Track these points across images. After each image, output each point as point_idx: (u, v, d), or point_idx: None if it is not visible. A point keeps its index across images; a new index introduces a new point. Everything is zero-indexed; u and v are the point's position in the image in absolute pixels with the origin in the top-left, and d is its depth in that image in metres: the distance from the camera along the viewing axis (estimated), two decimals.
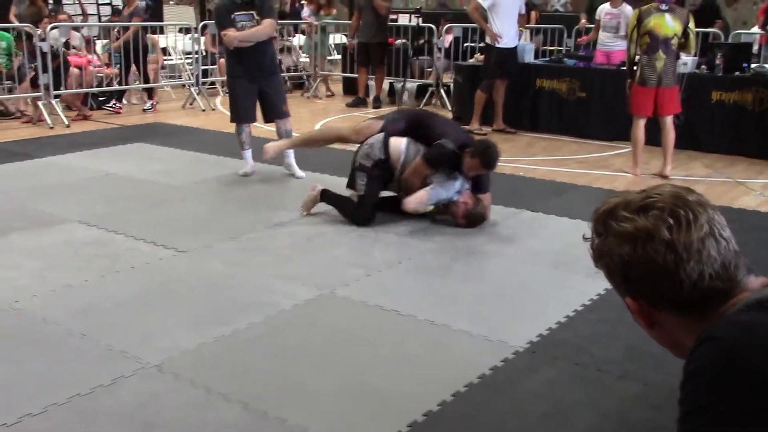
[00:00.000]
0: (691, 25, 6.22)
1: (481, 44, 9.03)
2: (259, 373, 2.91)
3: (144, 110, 9.57)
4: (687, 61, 7.30)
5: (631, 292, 1.27)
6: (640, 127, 6.42)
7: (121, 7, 10.62)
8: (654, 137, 6.57)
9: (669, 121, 6.37)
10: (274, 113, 6.14)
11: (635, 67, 6.33)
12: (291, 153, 6.18)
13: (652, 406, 2.72)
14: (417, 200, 4.72)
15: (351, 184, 4.94)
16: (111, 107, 9.42)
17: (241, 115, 6.11)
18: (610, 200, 1.30)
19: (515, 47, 8.43)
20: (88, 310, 3.45)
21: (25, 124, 8.52)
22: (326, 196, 4.99)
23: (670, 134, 6.39)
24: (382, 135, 4.91)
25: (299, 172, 6.13)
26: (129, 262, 4.10)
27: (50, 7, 11.16)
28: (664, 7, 6.19)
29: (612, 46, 8.70)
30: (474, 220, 4.81)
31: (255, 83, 5.97)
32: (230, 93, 6.23)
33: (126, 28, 9.48)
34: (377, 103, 10.40)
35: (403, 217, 4.95)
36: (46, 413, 2.61)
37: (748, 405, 1.06)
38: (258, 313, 3.44)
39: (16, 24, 9.38)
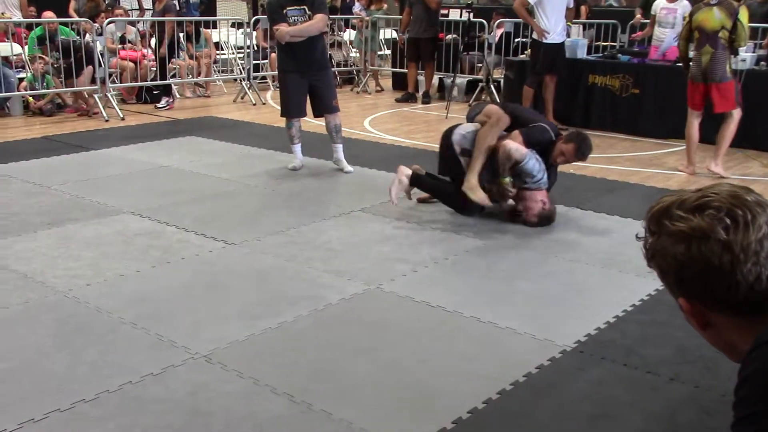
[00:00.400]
0: (742, 16, 6.03)
1: (530, 40, 8.95)
2: (305, 365, 2.93)
3: (157, 107, 9.35)
4: (746, 57, 7.13)
5: (684, 292, 1.25)
6: (692, 123, 6.31)
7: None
8: (712, 135, 6.43)
9: (728, 117, 6.22)
10: (324, 108, 6.16)
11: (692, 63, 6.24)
12: (340, 149, 6.20)
13: (703, 410, 2.66)
14: (516, 145, 4.66)
15: (444, 170, 4.95)
16: (163, 107, 9.43)
17: (291, 109, 6.15)
18: (664, 199, 1.28)
19: (563, 42, 8.33)
20: (139, 300, 3.52)
21: (81, 117, 8.71)
22: (419, 180, 4.99)
23: (724, 130, 6.23)
24: (472, 125, 4.91)
25: (348, 167, 6.16)
26: (180, 253, 4.16)
27: (107, 1, 11.39)
28: (713, 1, 6.07)
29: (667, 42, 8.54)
30: (543, 220, 4.75)
31: (305, 78, 6.01)
32: (281, 87, 6.27)
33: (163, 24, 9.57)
34: (426, 99, 10.39)
35: (452, 213, 4.93)
36: (97, 400, 2.67)
37: None
38: (305, 307, 3.47)
39: (75, 18, 9.59)
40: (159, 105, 9.38)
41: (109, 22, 9.25)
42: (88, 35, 8.89)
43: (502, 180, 4.73)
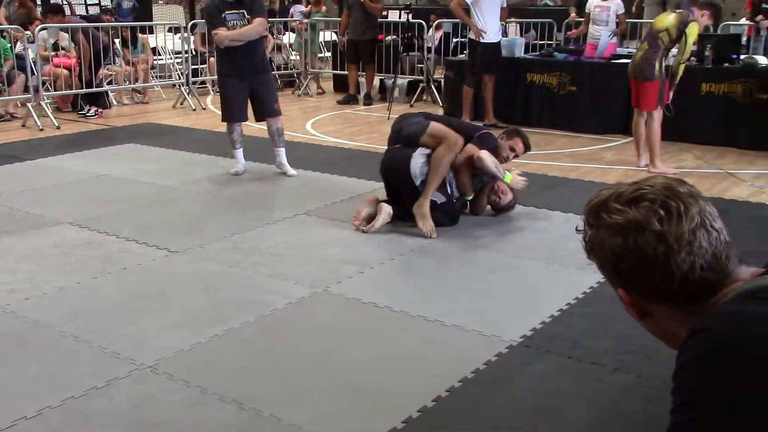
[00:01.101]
0: (690, 31, 6.02)
1: (467, 40, 9.03)
2: (253, 372, 2.91)
3: (84, 116, 9.10)
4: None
5: (622, 283, 1.27)
6: (636, 121, 6.44)
7: (110, 7, 10.58)
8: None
9: (648, 116, 6.32)
10: (266, 111, 6.12)
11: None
12: (282, 152, 6.17)
13: (646, 398, 2.72)
14: (489, 156, 4.68)
15: (396, 195, 4.81)
16: (91, 115, 9.17)
17: (232, 114, 6.09)
18: (602, 192, 1.30)
19: (499, 42, 8.43)
20: (80, 312, 3.44)
21: (15, 127, 8.48)
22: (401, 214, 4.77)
23: (648, 131, 6.33)
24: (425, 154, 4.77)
25: (291, 170, 6.12)
26: (121, 263, 4.09)
27: (40, 9, 11.11)
28: (677, 8, 6.21)
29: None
30: (508, 209, 5.01)
31: (246, 82, 5.96)
32: (221, 92, 6.21)
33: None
34: (368, 100, 10.39)
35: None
36: (40, 416, 2.60)
37: (739, 395, 1.06)
38: (252, 313, 3.44)
39: (5, 26, 9.33)
40: (87, 114, 9.14)
41: (42, 29, 9.01)
42: (19, 43, 8.65)
43: (466, 197, 4.87)
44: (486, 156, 4.66)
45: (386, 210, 4.67)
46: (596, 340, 3.19)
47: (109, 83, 9.81)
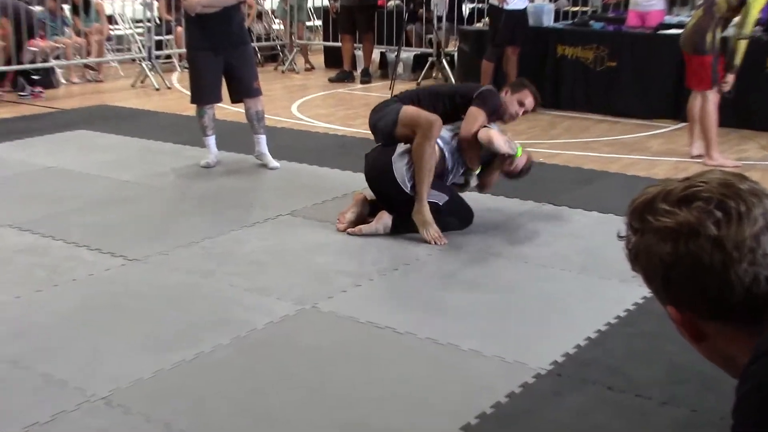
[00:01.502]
0: (755, 1, 5.98)
1: (485, 5, 9.03)
2: (226, 404, 2.90)
3: (19, 95, 9.11)
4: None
5: (673, 299, 1.26)
6: (690, 102, 6.44)
7: None
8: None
9: (702, 98, 6.31)
10: (243, 91, 6.13)
11: None
12: (263, 140, 6.18)
13: None
14: (498, 134, 4.69)
15: (385, 201, 4.80)
16: (25, 95, 9.14)
17: (203, 94, 6.10)
18: (648, 190, 1.30)
19: (525, 9, 8.43)
20: (21, 333, 3.43)
21: None
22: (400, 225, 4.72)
23: (702, 117, 6.32)
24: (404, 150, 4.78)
25: (273, 162, 6.13)
26: (70, 273, 4.09)
27: None
28: None
29: (647, 5, 8.71)
30: (525, 172, 4.96)
31: (220, 56, 5.96)
32: (190, 68, 6.21)
33: None
34: (366, 77, 10.41)
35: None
36: None
37: None
38: (225, 334, 3.43)
39: None
40: (21, 93, 9.14)
41: None
42: None
43: (473, 171, 4.86)
44: (496, 137, 4.65)
45: (385, 221, 4.65)
46: (642, 368, 3.19)
47: (57, 58, 9.81)
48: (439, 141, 4.67)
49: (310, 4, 12.41)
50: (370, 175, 4.82)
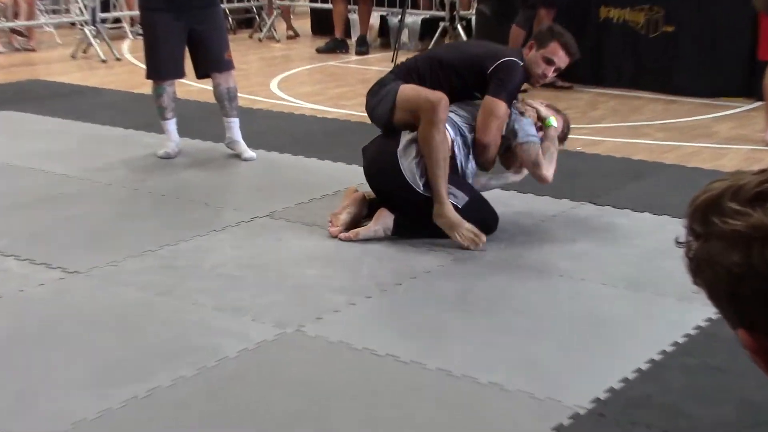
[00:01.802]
0: None
1: None
2: None
3: None
4: None
5: (745, 320, 1.26)
6: (766, 74, 6.44)
7: None
8: None
9: None
10: (212, 64, 6.13)
11: None
12: (235, 124, 6.18)
13: None
14: (547, 166, 4.76)
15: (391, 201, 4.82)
16: None
17: (161, 68, 6.11)
18: (713, 186, 1.30)
19: None
20: None
21: None
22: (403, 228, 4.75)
23: None
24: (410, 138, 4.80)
25: (248, 152, 6.13)
26: None
27: None
28: None
29: None
30: (563, 140, 5.03)
31: (182, 20, 5.96)
32: (145, 35, 6.21)
33: None
34: (363, 47, 10.41)
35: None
36: None
37: None
38: (188, 364, 3.43)
39: None
40: None
41: None
42: None
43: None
44: (546, 171, 4.74)
45: (385, 220, 4.65)
46: (707, 407, 3.18)
47: None
48: (449, 129, 4.66)
49: None
50: (371, 174, 4.82)
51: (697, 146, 6.57)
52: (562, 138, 5.00)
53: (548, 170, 4.76)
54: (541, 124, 4.86)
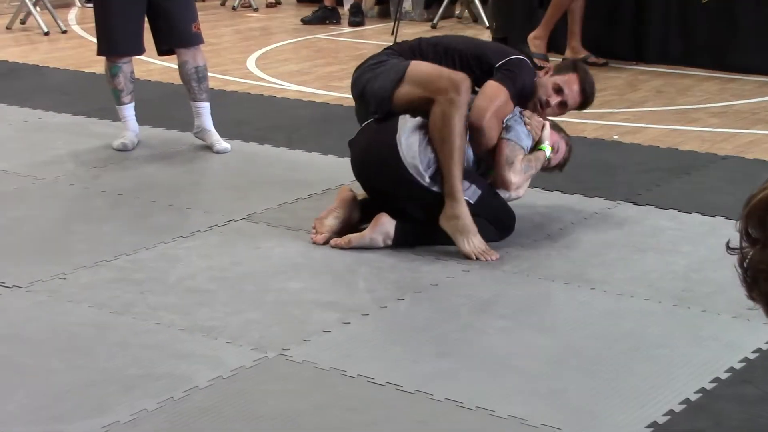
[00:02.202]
0: None
1: None
2: None
3: None
4: None
5: None
6: None
7: None
8: None
9: None
10: (177, 38, 6.16)
11: None
12: (206, 110, 6.18)
13: None
14: (518, 173, 4.78)
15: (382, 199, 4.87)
16: None
17: (116, 41, 6.12)
18: None
19: None
20: None
21: None
22: (404, 238, 4.76)
23: None
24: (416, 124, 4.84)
25: (221, 143, 6.14)
26: None
27: None
28: None
29: None
30: (562, 166, 5.10)
31: None
32: (96, 4, 6.21)
33: None
34: (357, 17, 10.39)
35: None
36: None
37: None
38: (151, 395, 3.44)
39: None
40: None
41: None
42: None
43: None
44: (515, 183, 4.77)
45: (384, 227, 4.67)
46: None
47: None
48: None
49: None
50: (362, 168, 4.84)
51: (758, 134, 6.58)
52: (562, 165, 5.08)
53: (516, 176, 4.75)
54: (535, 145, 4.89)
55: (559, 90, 4.92)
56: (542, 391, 3.50)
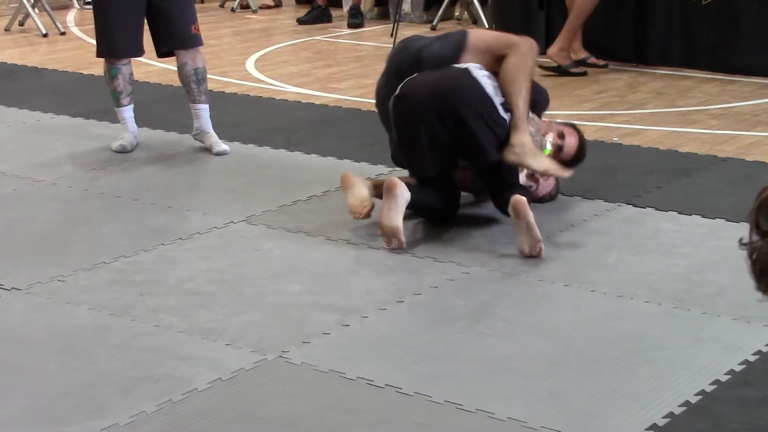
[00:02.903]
0: None
1: None
2: None
3: None
4: None
5: None
6: None
7: None
8: None
9: None
10: (176, 40, 6.16)
11: None
12: (205, 112, 6.20)
13: None
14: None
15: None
16: None
17: (115, 44, 6.11)
18: None
19: None
20: None
21: None
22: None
23: None
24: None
25: (220, 145, 6.15)
26: None
27: None
28: None
29: None
30: (547, 200, 5.26)
31: None
32: (95, 5, 6.20)
33: None
34: (356, 19, 10.38)
35: (407, 220, 4.94)
36: None
37: None
38: (150, 397, 3.44)
39: None
40: None
41: None
42: None
43: None
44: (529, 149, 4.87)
45: (400, 193, 4.71)
46: None
47: None
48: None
49: None
50: (432, 97, 4.86)
51: (758, 135, 6.57)
52: (547, 198, 5.24)
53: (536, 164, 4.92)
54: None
55: (561, 135, 5.19)
56: (542, 392, 3.51)
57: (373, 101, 5.42)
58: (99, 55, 6.24)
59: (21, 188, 5.55)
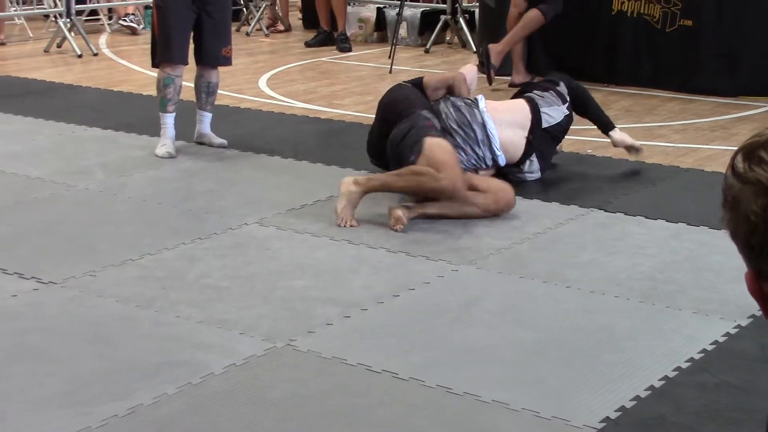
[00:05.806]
0: None
1: None
2: None
3: None
4: None
5: (753, 265, 1.31)
6: None
7: None
8: None
9: None
10: (210, 58, 6.26)
11: None
12: (207, 119, 6.36)
13: None
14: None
15: None
16: None
17: (173, 51, 6.16)
18: (765, 132, 1.34)
19: None
20: None
21: None
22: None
23: None
24: None
25: (217, 139, 6.31)
26: None
27: None
28: None
29: None
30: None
31: (195, 6, 6.09)
32: (159, 17, 6.15)
33: None
34: (345, 44, 10.30)
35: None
36: None
37: None
38: (171, 381, 3.45)
39: None
40: None
41: None
42: None
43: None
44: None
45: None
46: (725, 428, 3.19)
47: None
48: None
49: None
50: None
51: (716, 149, 6.58)
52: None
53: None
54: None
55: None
56: (523, 378, 3.52)
57: (372, 115, 5.53)
58: (158, 61, 6.28)
59: (57, 193, 5.54)
